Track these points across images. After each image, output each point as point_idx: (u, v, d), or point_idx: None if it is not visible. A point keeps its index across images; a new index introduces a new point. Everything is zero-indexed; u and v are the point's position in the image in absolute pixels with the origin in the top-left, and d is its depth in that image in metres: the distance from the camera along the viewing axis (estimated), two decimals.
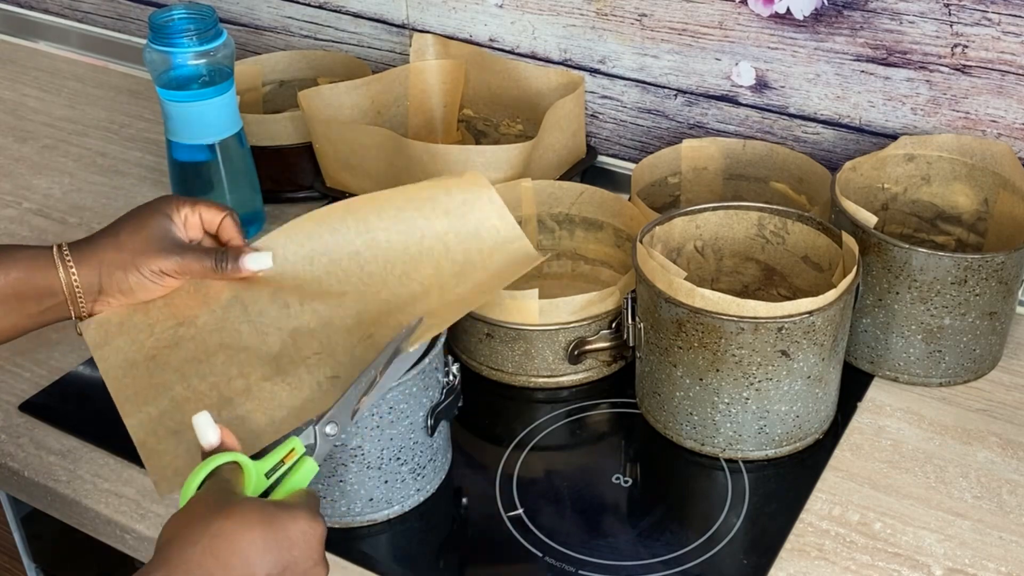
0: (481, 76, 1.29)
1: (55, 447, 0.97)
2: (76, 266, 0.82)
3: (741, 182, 1.17)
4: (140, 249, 0.83)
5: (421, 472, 0.88)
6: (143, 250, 0.83)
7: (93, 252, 0.83)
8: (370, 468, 0.85)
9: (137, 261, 0.83)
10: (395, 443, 0.85)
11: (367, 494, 0.86)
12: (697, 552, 0.85)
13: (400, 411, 0.84)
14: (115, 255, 0.83)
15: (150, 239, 0.83)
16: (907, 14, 1.05)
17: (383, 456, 0.85)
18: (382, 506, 0.88)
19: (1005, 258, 0.94)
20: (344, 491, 0.86)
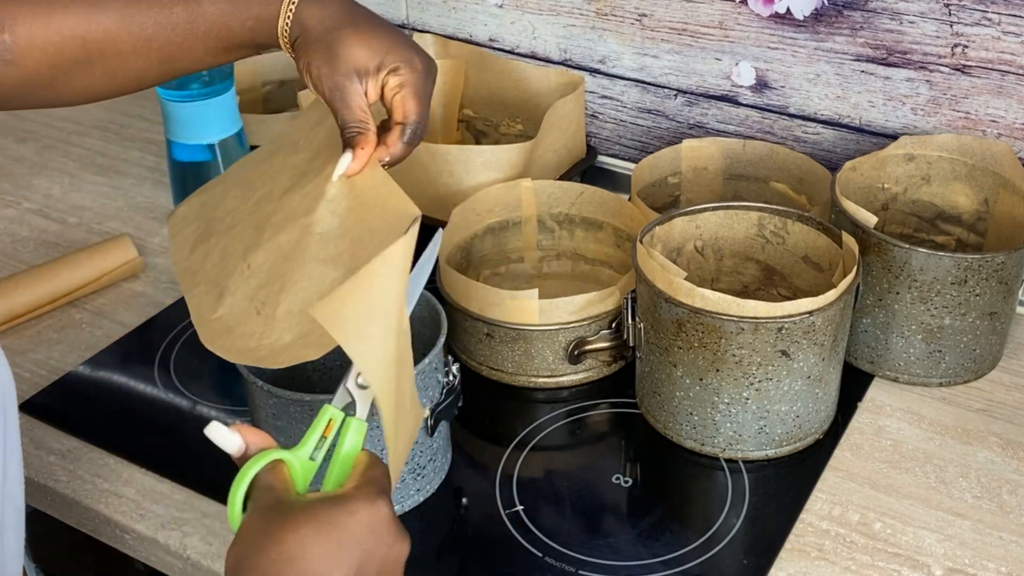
0: (481, 76, 1.29)
1: (55, 447, 0.97)
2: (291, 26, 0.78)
3: (741, 182, 1.17)
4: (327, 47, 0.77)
5: (421, 472, 0.88)
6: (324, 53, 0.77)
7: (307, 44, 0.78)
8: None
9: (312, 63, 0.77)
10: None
11: None
12: (697, 552, 0.85)
13: None
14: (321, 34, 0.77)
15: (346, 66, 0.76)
16: (907, 14, 1.05)
17: (383, 456, 0.85)
18: None
19: (1005, 258, 0.94)
20: None
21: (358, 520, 0.61)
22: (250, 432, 0.66)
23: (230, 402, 1.01)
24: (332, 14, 0.78)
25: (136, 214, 1.29)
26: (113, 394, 1.03)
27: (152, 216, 1.29)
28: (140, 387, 1.04)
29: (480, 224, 1.11)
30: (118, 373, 1.05)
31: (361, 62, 0.76)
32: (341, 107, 0.76)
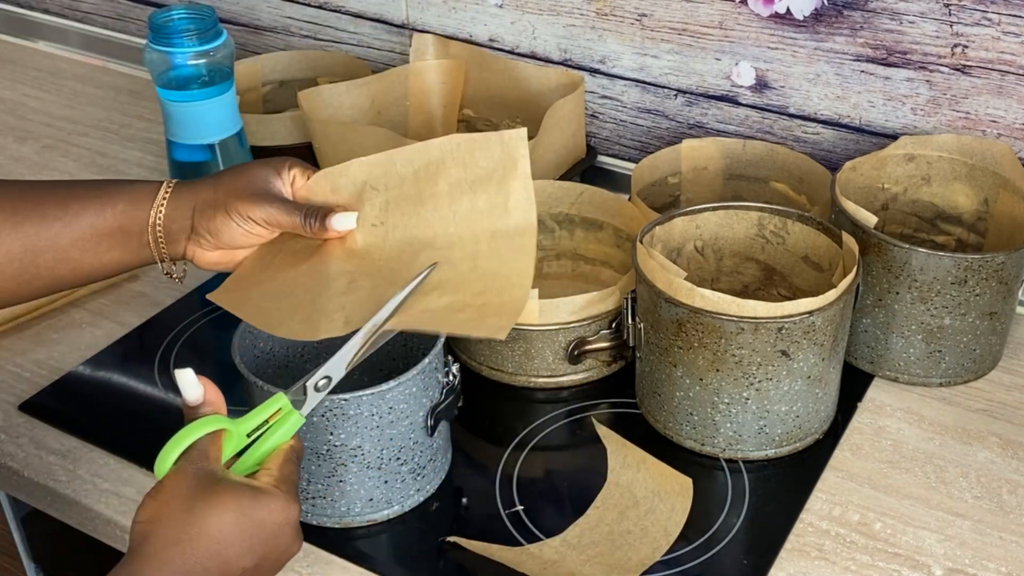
0: (481, 76, 1.29)
1: (55, 447, 0.97)
2: (168, 204, 0.80)
3: (741, 182, 1.17)
4: (234, 192, 0.80)
5: (421, 472, 0.88)
6: (237, 193, 0.80)
7: (191, 190, 0.81)
8: (370, 468, 0.85)
9: (228, 202, 0.80)
10: (395, 443, 0.85)
11: (367, 494, 0.86)
12: (697, 552, 0.85)
13: (400, 411, 0.84)
14: (211, 194, 0.80)
15: (248, 186, 0.80)
16: (907, 14, 1.05)
17: (383, 456, 0.85)
18: (382, 506, 0.88)
19: (1005, 258, 0.94)
20: (344, 491, 0.86)
21: (275, 519, 0.66)
22: (212, 390, 0.71)
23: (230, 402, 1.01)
24: (205, 179, 0.82)
25: None
26: (113, 394, 1.03)
27: None
28: (140, 387, 1.04)
29: None
30: (118, 373, 1.05)
31: (265, 175, 0.81)
32: (287, 209, 0.80)
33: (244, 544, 0.65)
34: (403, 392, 0.83)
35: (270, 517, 0.66)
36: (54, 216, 0.79)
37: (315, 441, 0.84)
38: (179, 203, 0.80)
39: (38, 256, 0.79)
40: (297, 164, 0.83)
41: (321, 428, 0.82)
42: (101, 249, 0.80)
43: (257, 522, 0.65)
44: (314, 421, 0.82)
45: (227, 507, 0.65)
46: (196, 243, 0.81)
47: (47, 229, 0.78)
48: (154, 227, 0.80)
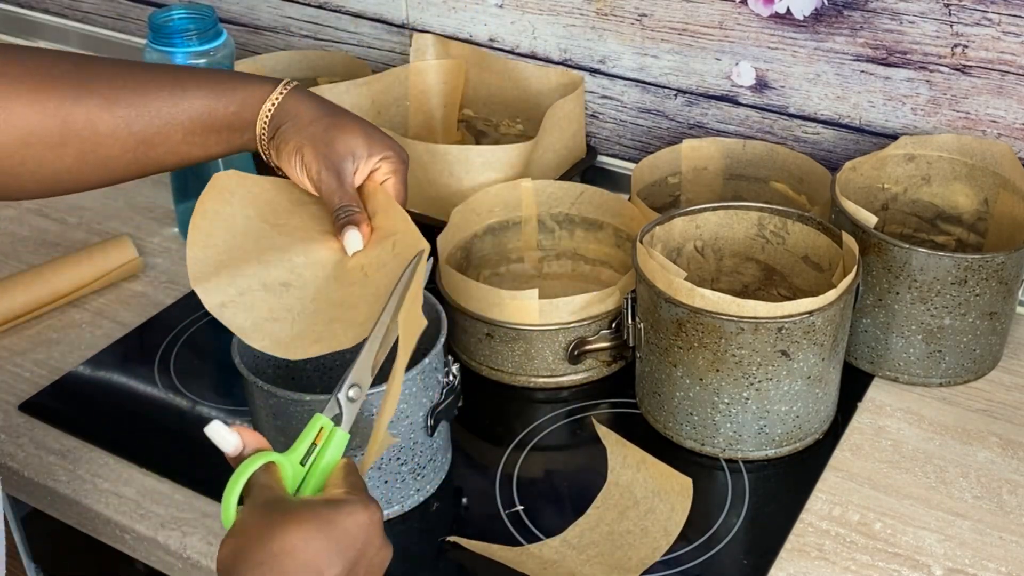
0: (481, 76, 1.29)
1: (55, 447, 0.97)
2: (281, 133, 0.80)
3: (741, 182, 1.17)
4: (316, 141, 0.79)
5: (421, 472, 0.88)
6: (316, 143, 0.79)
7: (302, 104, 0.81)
8: (370, 468, 0.85)
9: (303, 144, 0.79)
10: (397, 445, 0.85)
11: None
12: (697, 552, 0.85)
13: (400, 411, 0.84)
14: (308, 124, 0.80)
15: (330, 144, 0.79)
16: (907, 14, 1.05)
17: (383, 456, 0.85)
18: (382, 506, 0.87)
19: (1005, 258, 0.94)
20: None
21: (355, 521, 0.63)
22: (248, 433, 0.68)
23: (230, 402, 1.01)
24: (319, 105, 0.81)
25: (136, 214, 1.29)
26: (113, 394, 1.03)
27: (152, 216, 1.29)
28: (140, 387, 1.04)
29: (480, 224, 1.11)
30: (118, 373, 1.05)
31: (356, 148, 0.80)
32: (335, 189, 0.79)
33: (332, 553, 0.62)
34: (403, 392, 0.83)
35: (351, 520, 0.63)
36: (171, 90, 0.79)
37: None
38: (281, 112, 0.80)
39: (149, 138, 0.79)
40: (392, 161, 0.81)
41: None
42: (208, 143, 0.81)
43: (341, 528, 0.63)
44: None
45: (306, 520, 0.62)
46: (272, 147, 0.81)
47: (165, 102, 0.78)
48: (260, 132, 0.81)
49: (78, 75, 0.77)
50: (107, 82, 0.77)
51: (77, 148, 0.77)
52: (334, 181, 0.79)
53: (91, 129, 0.76)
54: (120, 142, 0.78)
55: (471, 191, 1.11)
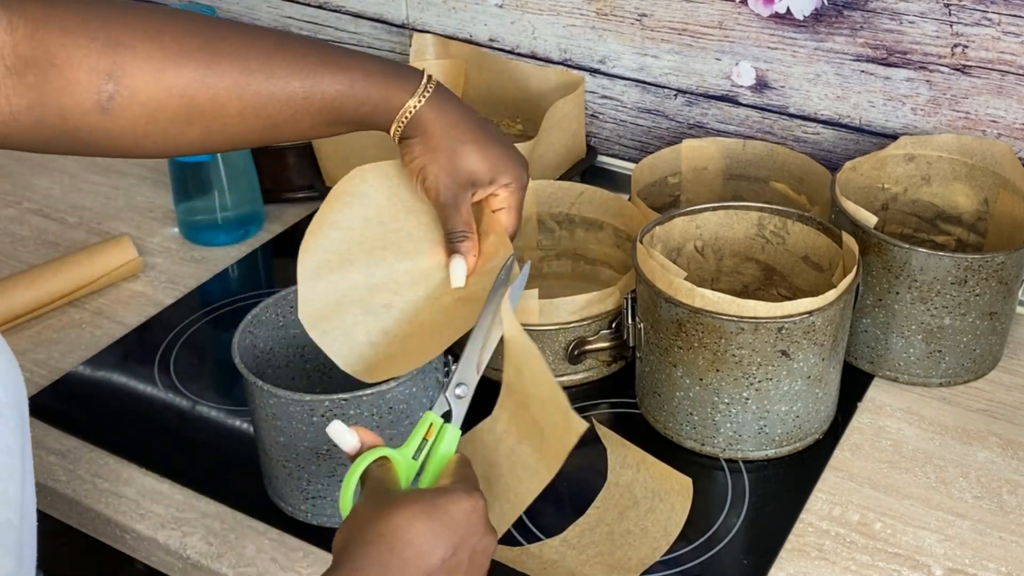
0: (481, 76, 1.29)
1: (55, 447, 0.97)
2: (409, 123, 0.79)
3: (741, 182, 1.17)
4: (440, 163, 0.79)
5: None
6: (440, 165, 0.79)
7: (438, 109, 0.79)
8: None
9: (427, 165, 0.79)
10: (395, 443, 0.85)
11: None
12: (697, 552, 0.85)
13: (400, 411, 0.84)
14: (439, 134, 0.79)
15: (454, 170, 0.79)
16: (907, 14, 1.05)
17: None
18: None
19: (1005, 258, 0.94)
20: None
21: (459, 507, 0.66)
22: (365, 433, 0.71)
23: (230, 402, 1.01)
24: (454, 122, 0.80)
25: (136, 214, 1.29)
26: (113, 394, 1.03)
27: (152, 216, 1.29)
28: (140, 387, 1.04)
29: None
30: (118, 373, 1.05)
31: (478, 175, 0.80)
32: (451, 212, 0.80)
33: (435, 535, 0.64)
34: (403, 392, 0.83)
35: (454, 506, 0.65)
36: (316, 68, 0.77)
37: (315, 441, 0.84)
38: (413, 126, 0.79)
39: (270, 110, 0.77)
40: (512, 189, 0.81)
41: (321, 428, 0.82)
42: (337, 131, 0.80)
43: (444, 513, 0.65)
44: (314, 421, 0.82)
45: (411, 505, 0.65)
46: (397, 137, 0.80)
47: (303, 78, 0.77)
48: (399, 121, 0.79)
49: (209, 53, 0.74)
50: (239, 64, 0.75)
51: (203, 126, 0.76)
52: (451, 206, 0.80)
53: (218, 111, 0.75)
54: (247, 123, 0.77)
55: None
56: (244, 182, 1.20)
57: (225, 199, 1.19)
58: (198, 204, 1.20)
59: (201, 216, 1.22)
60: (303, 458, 0.85)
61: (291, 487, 0.87)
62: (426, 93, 0.79)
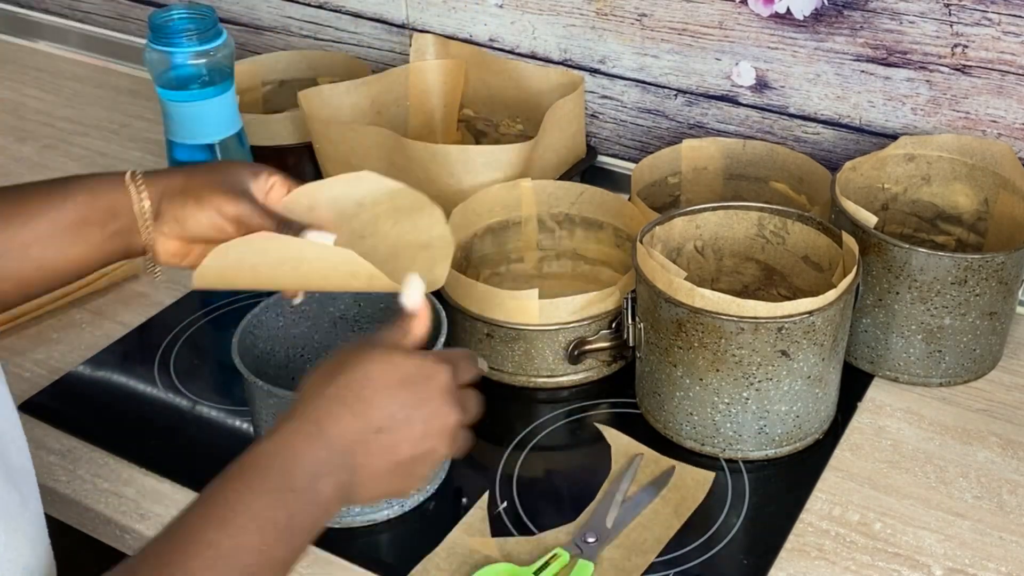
0: (481, 76, 1.29)
1: (55, 447, 0.97)
2: (146, 188, 0.80)
3: (741, 182, 1.17)
4: (210, 184, 0.79)
5: None
6: (212, 186, 0.79)
7: (161, 178, 0.80)
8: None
9: (202, 193, 0.79)
10: None
11: None
12: (697, 552, 0.85)
13: None
14: (182, 182, 0.80)
15: (225, 181, 0.79)
16: (907, 14, 1.05)
17: None
18: (382, 506, 0.88)
19: (1005, 258, 0.94)
20: None
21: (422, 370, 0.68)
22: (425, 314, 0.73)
23: (230, 402, 1.01)
24: (174, 170, 0.82)
25: None
26: (113, 394, 1.03)
27: None
28: (140, 387, 1.04)
29: (480, 224, 1.11)
30: (118, 373, 1.05)
31: (246, 177, 0.81)
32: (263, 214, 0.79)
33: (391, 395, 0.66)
34: None
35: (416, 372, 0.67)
36: (12, 214, 0.77)
37: None
38: (152, 187, 0.80)
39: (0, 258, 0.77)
40: (278, 174, 0.82)
41: None
42: (64, 244, 0.78)
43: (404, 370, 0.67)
44: None
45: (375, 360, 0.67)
46: (159, 230, 0.80)
47: (6, 229, 0.76)
48: (141, 211, 0.79)
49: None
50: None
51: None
52: (253, 208, 0.79)
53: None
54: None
55: (471, 191, 1.11)
56: None
57: None
58: None
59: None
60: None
61: None
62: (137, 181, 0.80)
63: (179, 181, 0.80)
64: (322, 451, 0.64)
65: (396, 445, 0.66)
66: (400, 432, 0.66)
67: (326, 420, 0.65)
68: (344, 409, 0.65)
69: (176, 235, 0.80)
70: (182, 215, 0.79)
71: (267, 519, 0.60)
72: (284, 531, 0.61)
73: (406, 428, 0.66)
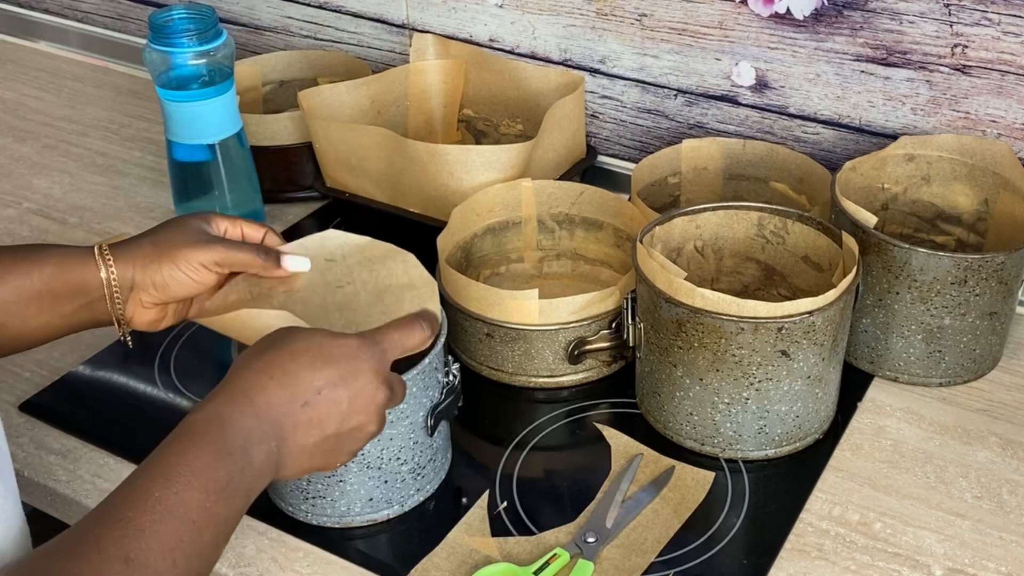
0: (481, 76, 1.29)
1: (55, 447, 0.97)
2: (114, 262, 0.81)
3: (741, 182, 1.17)
4: (177, 243, 0.82)
5: (421, 472, 0.89)
6: (180, 244, 0.82)
7: (130, 249, 0.82)
8: (370, 468, 0.85)
9: (174, 254, 0.82)
10: (395, 443, 0.85)
11: (367, 494, 0.86)
12: (697, 552, 0.85)
13: (400, 411, 0.84)
14: (151, 249, 0.82)
15: (189, 236, 0.83)
16: (907, 14, 1.05)
17: (383, 456, 0.85)
18: (382, 506, 0.88)
19: (1005, 258, 0.94)
20: (344, 491, 0.86)
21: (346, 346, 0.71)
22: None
23: None
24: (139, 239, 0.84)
25: (136, 214, 1.29)
26: (113, 394, 1.03)
27: (152, 216, 1.29)
28: (140, 387, 1.04)
29: (480, 224, 1.11)
30: (118, 373, 1.05)
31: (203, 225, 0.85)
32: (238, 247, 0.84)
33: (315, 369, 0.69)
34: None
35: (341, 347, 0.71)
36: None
37: None
38: (121, 260, 0.82)
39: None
40: (221, 216, 0.86)
41: None
42: (28, 313, 0.80)
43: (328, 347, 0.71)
44: None
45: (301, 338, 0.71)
46: (137, 298, 0.83)
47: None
48: (109, 285, 0.81)
49: None
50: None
51: None
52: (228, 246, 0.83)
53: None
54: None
55: (471, 191, 1.11)
56: (244, 182, 1.20)
57: (225, 199, 1.19)
58: (198, 204, 1.20)
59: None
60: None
61: (291, 487, 0.87)
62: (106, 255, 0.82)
63: (147, 249, 0.82)
64: (251, 420, 0.67)
65: (322, 420, 0.70)
66: (325, 407, 0.69)
67: (254, 390, 0.68)
68: (271, 381, 0.69)
69: (157, 301, 0.83)
70: (161, 281, 0.82)
71: (208, 478, 0.64)
72: (224, 490, 0.64)
73: (332, 404, 0.70)
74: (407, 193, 1.16)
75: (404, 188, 1.16)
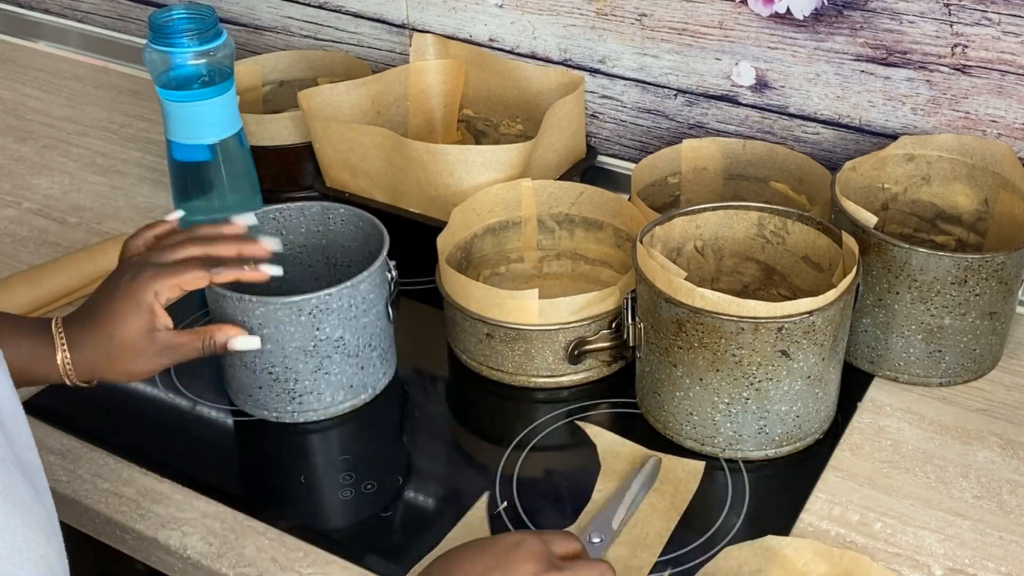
0: (481, 76, 1.29)
1: (55, 447, 0.97)
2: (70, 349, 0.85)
3: (741, 182, 1.17)
4: (130, 358, 0.86)
5: (385, 356, 1.00)
6: (133, 358, 0.86)
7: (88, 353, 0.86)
8: (350, 356, 0.95)
9: (130, 369, 0.87)
10: (367, 330, 0.96)
11: (347, 381, 0.96)
12: (697, 552, 0.85)
13: (370, 301, 0.95)
14: (107, 365, 0.86)
15: (137, 348, 0.86)
16: (907, 14, 1.05)
17: (359, 343, 0.95)
18: (359, 391, 0.98)
19: (1005, 258, 0.94)
20: (329, 382, 0.95)
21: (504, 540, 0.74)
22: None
23: (230, 402, 1.01)
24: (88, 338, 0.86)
25: (136, 214, 1.29)
26: (113, 394, 1.03)
27: (152, 216, 1.29)
28: (140, 387, 1.04)
29: (480, 224, 1.11)
30: None
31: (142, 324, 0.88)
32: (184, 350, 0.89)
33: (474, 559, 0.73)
34: (370, 283, 0.94)
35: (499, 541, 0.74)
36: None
37: (303, 339, 0.92)
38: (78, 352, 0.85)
39: None
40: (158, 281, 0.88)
41: (308, 326, 0.92)
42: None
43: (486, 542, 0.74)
44: (302, 320, 0.91)
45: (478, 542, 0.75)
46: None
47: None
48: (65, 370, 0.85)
49: None
50: None
51: None
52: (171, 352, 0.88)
53: None
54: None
55: (471, 191, 1.11)
56: (244, 182, 1.20)
57: (225, 199, 1.19)
58: (198, 204, 1.20)
59: (201, 216, 1.22)
60: (291, 359, 0.93)
61: (276, 392, 0.95)
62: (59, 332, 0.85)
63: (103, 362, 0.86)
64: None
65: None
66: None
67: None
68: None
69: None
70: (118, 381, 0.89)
71: None
72: None
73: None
74: (407, 193, 1.16)
75: (404, 188, 1.16)
